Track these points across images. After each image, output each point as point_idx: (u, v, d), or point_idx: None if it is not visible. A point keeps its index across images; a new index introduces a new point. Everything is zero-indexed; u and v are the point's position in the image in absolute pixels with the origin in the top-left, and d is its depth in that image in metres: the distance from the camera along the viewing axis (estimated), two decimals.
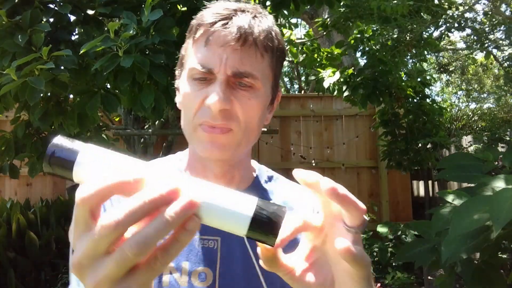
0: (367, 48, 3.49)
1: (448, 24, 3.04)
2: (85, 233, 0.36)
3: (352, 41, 3.63)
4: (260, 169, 0.79)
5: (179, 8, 2.20)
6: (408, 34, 3.18)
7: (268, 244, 0.38)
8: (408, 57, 3.66)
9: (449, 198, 1.95)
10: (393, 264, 4.47)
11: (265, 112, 0.68)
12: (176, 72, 0.71)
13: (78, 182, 0.39)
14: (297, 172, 0.41)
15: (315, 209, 0.82)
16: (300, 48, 4.51)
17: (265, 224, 0.37)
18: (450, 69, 8.15)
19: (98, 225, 0.34)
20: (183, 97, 0.65)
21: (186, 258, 0.65)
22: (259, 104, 0.64)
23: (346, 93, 3.58)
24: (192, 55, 0.63)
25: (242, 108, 0.62)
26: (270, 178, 0.78)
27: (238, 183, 0.71)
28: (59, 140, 0.39)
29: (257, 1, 3.03)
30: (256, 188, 0.74)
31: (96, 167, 0.38)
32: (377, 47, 3.41)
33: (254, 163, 0.79)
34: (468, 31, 3.23)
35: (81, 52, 1.61)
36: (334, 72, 3.63)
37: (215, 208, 0.37)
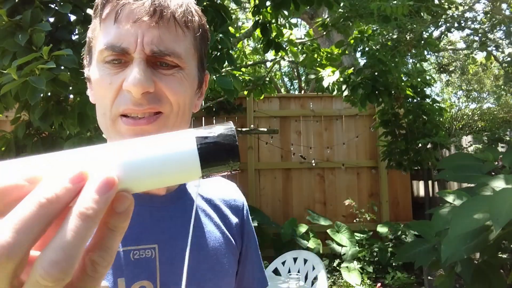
0: (367, 48, 3.49)
1: (448, 24, 3.04)
2: None
3: (352, 41, 3.63)
4: None
5: None
6: (408, 34, 3.18)
7: (230, 171, 0.30)
8: (408, 57, 3.66)
9: (449, 198, 1.95)
10: (393, 264, 4.47)
11: (193, 96, 0.59)
12: (84, 61, 0.60)
13: None
14: None
15: (240, 199, 0.77)
16: (300, 48, 4.51)
17: (219, 152, 0.29)
18: (450, 69, 8.15)
19: None
20: (96, 85, 0.54)
21: (121, 274, 0.56)
22: (186, 85, 0.55)
23: (345, 93, 3.58)
24: (101, 36, 0.53)
25: (169, 88, 0.53)
26: None
27: None
28: None
29: (256, 1, 3.03)
30: None
31: None
32: (377, 47, 3.42)
33: None
34: (468, 31, 3.23)
35: (83, 52, 1.61)
36: (333, 72, 3.63)
37: (147, 164, 0.28)
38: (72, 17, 1.94)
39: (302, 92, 10.37)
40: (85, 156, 0.27)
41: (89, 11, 1.93)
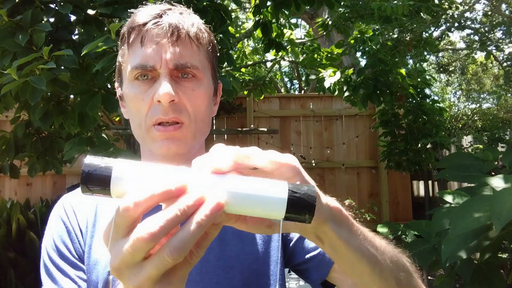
0: (367, 48, 3.48)
1: (448, 24, 3.04)
2: (121, 241, 0.38)
3: (352, 41, 3.63)
4: None
5: None
6: (408, 34, 3.18)
7: (305, 222, 0.39)
8: (408, 57, 3.66)
9: (449, 198, 1.95)
10: None
11: (210, 102, 0.70)
12: (116, 84, 0.73)
13: (117, 197, 0.39)
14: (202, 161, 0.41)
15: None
16: (300, 48, 4.51)
17: (300, 205, 0.38)
18: (450, 69, 8.15)
19: (134, 237, 0.36)
20: (130, 101, 0.66)
21: None
22: (204, 94, 0.66)
23: (347, 93, 3.58)
24: (130, 59, 0.64)
25: (189, 100, 0.64)
26: None
27: None
28: (90, 160, 0.38)
29: (257, 1, 3.03)
30: None
31: (133, 179, 0.38)
32: (377, 47, 3.41)
33: None
34: (468, 31, 3.23)
35: (83, 53, 1.61)
36: (335, 72, 3.62)
37: (246, 198, 0.38)
38: (72, 17, 1.94)
39: (302, 92, 10.37)
40: (204, 180, 0.38)
41: (90, 11, 1.93)
